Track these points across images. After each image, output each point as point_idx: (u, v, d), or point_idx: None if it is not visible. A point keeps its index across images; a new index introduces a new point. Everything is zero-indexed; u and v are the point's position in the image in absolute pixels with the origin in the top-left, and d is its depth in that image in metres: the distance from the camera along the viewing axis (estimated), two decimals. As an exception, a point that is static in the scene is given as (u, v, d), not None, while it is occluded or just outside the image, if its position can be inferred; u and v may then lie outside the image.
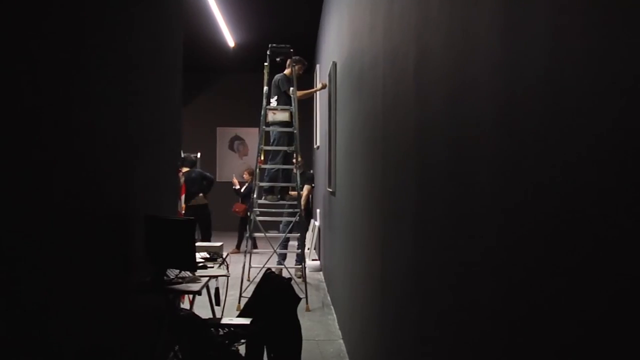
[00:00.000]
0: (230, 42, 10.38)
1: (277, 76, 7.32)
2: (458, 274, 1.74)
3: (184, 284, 3.83)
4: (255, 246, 8.86)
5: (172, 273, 3.91)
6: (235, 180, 10.62)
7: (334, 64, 6.01)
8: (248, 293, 4.59)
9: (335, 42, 6.16)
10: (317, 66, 9.39)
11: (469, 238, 1.64)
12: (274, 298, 3.90)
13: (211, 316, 4.37)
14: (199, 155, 10.89)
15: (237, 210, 10.11)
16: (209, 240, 8.65)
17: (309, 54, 9.93)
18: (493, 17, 1.47)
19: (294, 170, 7.17)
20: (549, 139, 1.16)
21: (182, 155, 6.42)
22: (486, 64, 1.51)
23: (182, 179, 6.40)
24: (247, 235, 7.11)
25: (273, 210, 7.67)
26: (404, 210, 2.51)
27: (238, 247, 10.25)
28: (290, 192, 7.75)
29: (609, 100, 0.95)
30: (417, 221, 2.26)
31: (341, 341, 5.21)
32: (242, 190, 10.29)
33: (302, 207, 7.27)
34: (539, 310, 1.19)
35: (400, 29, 2.61)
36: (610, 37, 0.95)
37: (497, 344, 1.42)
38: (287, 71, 7.35)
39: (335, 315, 6.02)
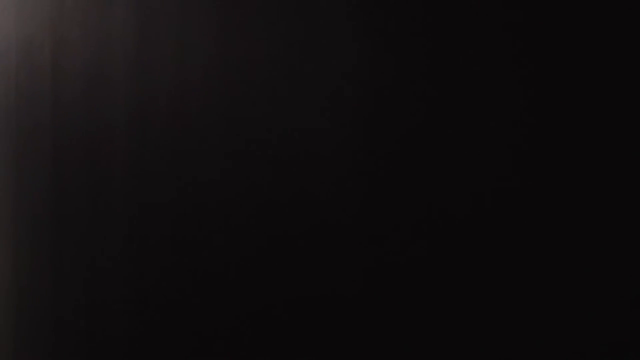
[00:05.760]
0: None
1: None
2: (92, 271, 1.71)
3: None
4: None
5: None
6: None
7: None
8: None
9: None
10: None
11: (104, 239, 1.63)
12: None
13: None
14: None
15: None
16: None
17: None
18: (127, 13, 1.47)
19: None
20: (176, 142, 1.19)
21: None
22: (121, 61, 1.50)
23: None
24: None
25: None
26: (41, 212, 2.37)
27: None
28: None
29: (240, 105, 1.02)
30: (56, 222, 2.16)
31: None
32: None
33: None
34: (171, 307, 1.23)
35: (35, 16, 2.45)
36: (241, 44, 1.02)
37: (134, 343, 1.43)
38: None
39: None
